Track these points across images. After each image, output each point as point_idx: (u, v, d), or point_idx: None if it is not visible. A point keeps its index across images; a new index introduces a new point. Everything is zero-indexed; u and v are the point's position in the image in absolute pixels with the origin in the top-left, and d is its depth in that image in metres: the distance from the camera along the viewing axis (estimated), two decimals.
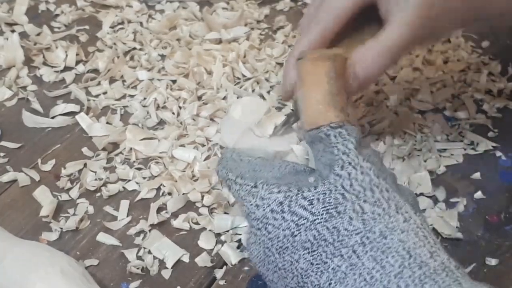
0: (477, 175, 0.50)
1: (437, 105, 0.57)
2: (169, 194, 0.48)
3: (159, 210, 0.47)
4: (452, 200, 0.48)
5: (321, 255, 0.33)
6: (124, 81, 0.59)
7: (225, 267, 0.44)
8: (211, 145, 0.52)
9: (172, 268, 0.43)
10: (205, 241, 0.45)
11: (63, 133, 0.54)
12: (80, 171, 0.50)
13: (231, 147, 0.47)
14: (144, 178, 0.50)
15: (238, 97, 0.56)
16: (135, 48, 0.63)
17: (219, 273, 0.43)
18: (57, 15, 0.68)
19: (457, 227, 0.46)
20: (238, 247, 0.45)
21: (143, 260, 0.44)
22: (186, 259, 0.44)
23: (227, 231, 0.46)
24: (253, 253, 0.37)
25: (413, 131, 0.53)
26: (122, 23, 0.67)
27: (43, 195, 0.48)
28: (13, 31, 0.64)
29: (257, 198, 0.36)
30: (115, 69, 0.60)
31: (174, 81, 0.59)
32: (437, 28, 0.43)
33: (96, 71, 0.60)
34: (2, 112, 0.56)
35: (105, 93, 0.58)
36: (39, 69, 0.60)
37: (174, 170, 0.50)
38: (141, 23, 0.67)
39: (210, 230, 0.46)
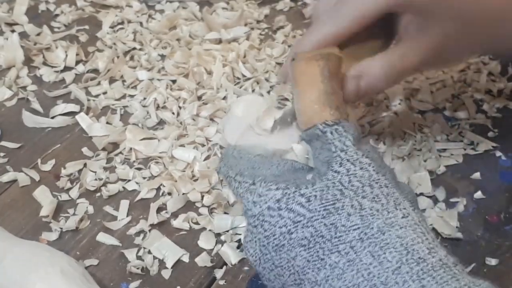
0: (477, 175, 0.50)
1: (437, 105, 0.57)
2: (169, 194, 0.48)
3: (159, 210, 0.47)
4: (452, 200, 0.48)
5: (318, 252, 0.33)
6: (124, 81, 0.59)
7: (225, 267, 0.44)
8: (211, 145, 0.52)
9: (172, 268, 0.43)
10: (205, 241, 0.45)
11: (63, 133, 0.54)
12: (80, 171, 0.50)
13: (232, 144, 0.47)
14: (144, 178, 0.50)
15: (237, 97, 0.56)
16: (135, 48, 0.63)
17: (219, 273, 0.43)
18: (57, 15, 0.68)
19: (457, 227, 0.46)
20: (238, 247, 0.45)
21: (143, 260, 0.44)
22: (186, 259, 0.44)
23: (227, 231, 0.46)
24: (250, 251, 0.36)
25: (413, 131, 0.53)
26: (122, 23, 0.67)
27: (43, 195, 0.48)
28: (13, 31, 0.64)
29: (255, 195, 0.36)
30: (115, 69, 0.60)
31: (174, 81, 0.59)
32: (451, 55, 0.43)
33: (96, 71, 0.60)
34: (2, 112, 0.56)
35: (105, 93, 0.58)
36: (39, 69, 0.60)
37: (174, 170, 0.50)
38: (141, 23, 0.67)
39: (210, 230, 0.46)
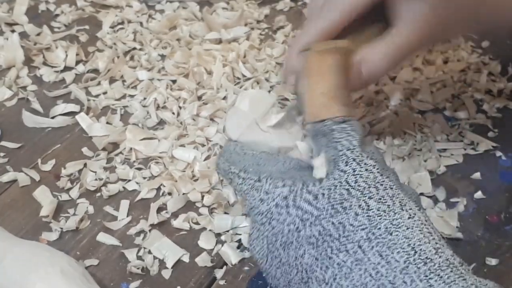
0: (477, 175, 0.50)
1: (437, 105, 0.57)
2: (169, 194, 0.48)
3: (159, 210, 0.47)
4: (452, 200, 0.48)
5: (326, 250, 0.33)
6: (124, 81, 0.59)
7: (225, 267, 0.44)
8: (211, 145, 0.52)
9: (172, 268, 0.43)
10: (205, 241, 0.45)
11: (63, 133, 0.54)
12: (80, 171, 0.50)
13: (235, 139, 0.47)
14: (144, 178, 0.50)
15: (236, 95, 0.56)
16: (135, 48, 0.63)
17: (219, 273, 0.43)
18: (57, 15, 0.68)
19: (457, 227, 0.46)
20: (238, 247, 0.45)
21: (143, 260, 0.44)
22: (186, 259, 0.44)
23: (227, 231, 0.46)
24: (256, 248, 0.36)
25: (413, 131, 0.53)
26: (122, 23, 0.67)
27: (43, 195, 0.48)
28: (13, 31, 0.64)
29: (261, 192, 0.36)
30: (115, 69, 0.60)
31: (174, 81, 0.59)
32: (444, 32, 0.43)
33: (96, 71, 0.60)
34: (2, 112, 0.56)
35: (105, 93, 0.58)
36: (39, 69, 0.60)
37: (174, 170, 0.50)
38: (141, 23, 0.67)
39: (210, 230, 0.46)
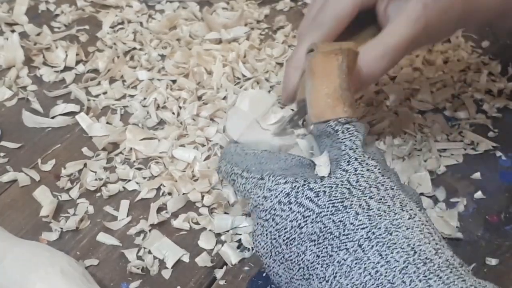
0: (477, 175, 0.50)
1: (437, 105, 0.57)
2: (169, 194, 0.48)
3: (159, 210, 0.47)
4: (452, 200, 0.48)
5: (327, 247, 0.34)
6: (124, 81, 0.59)
7: (225, 267, 0.44)
8: (211, 145, 0.52)
9: (172, 268, 0.43)
10: (205, 241, 0.45)
11: (63, 133, 0.54)
12: (80, 171, 0.50)
13: (235, 139, 0.47)
14: (144, 178, 0.50)
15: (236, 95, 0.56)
16: (135, 48, 0.63)
17: (219, 273, 0.43)
18: (57, 15, 0.68)
19: (457, 227, 0.46)
20: (238, 247, 0.45)
21: (143, 260, 0.44)
22: (186, 259, 0.44)
23: (227, 231, 0.46)
24: (260, 244, 0.37)
25: (413, 131, 0.53)
26: (122, 23, 0.67)
27: (43, 195, 0.48)
28: (13, 31, 0.64)
29: (264, 189, 0.36)
30: (115, 69, 0.60)
31: (174, 81, 0.59)
32: (436, 29, 0.43)
33: (96, 71, 0.60)
34: (2, 112, 0.56)
35: (105, 93, 0.58)
36: (39, 69, 0.60)
37: (174, 170, 0.50)
38: (141, 23, 0.67)
39: (210, 230, 0.46)
